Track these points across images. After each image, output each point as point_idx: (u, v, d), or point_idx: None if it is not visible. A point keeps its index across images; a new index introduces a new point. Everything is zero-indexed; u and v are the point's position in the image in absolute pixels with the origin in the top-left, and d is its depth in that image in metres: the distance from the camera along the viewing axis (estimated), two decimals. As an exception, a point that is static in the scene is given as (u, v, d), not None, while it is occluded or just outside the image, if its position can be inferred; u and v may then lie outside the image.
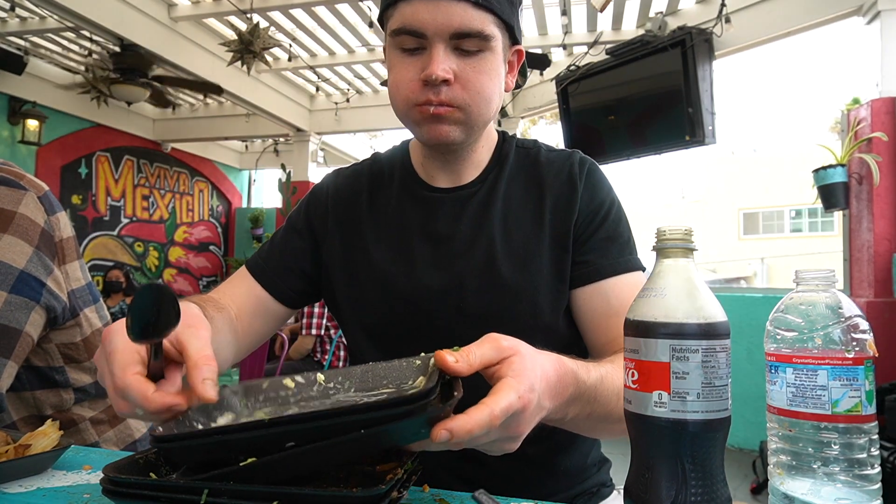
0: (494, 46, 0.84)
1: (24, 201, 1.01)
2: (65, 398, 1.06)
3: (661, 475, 0.51)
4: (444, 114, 0.84)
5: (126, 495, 0.55)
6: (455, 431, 0.51)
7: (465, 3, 0.79)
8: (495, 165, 0.97)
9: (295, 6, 4.50)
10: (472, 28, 0.80)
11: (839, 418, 0.52)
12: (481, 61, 0.83)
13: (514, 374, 0.56)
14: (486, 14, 0.81)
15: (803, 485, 0.53)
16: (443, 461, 0.84)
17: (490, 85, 0.85)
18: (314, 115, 6.89)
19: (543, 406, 0.60)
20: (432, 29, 0.80)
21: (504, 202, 0.94)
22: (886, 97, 3.42)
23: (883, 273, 3.42)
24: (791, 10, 3.92)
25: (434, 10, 0.80)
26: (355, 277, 0.96)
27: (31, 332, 0.97)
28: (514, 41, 0.89)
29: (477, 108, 0.85)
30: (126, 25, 4.32)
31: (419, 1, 0.80)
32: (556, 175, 0.94)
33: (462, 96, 0.83)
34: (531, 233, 0.91)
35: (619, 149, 4.66)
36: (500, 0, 0.82)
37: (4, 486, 0.67)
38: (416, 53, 0.83)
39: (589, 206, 0.92)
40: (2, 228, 0.97)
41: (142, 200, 7.33)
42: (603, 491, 0.98)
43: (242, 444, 0.55)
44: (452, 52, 0.82)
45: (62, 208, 1.09)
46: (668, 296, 0.53)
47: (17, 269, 0.96)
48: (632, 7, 4.51)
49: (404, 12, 0.81)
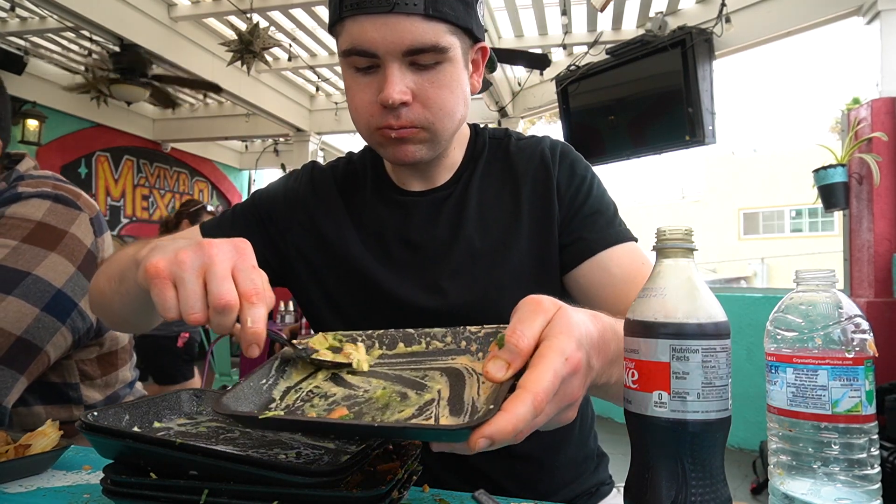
0: (452, 56, 0.80)
1: (76, 222, 1.04)
2: (75, 414, 1.08)
3: (661, 475, 0.51)
4: (408, 136, 0.81)
5: (126, 495, 0.55)
6: (496, 437, 0.44)
7: (414, 17, 0.75)
8: (469, 163, 0.95)
9: (295, 6, 4.50)
10: (425, 43, 0.76)
11: (839, 418, 0.52)
12: (439, 74, 0.79)
13: (558, 333, 0.50)
14: (439, 24, 0.77)
15: (803, 485, 0.53)
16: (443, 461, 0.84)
17: (452, 98, 0.81)
18: (314, 115, 6.89)
19: (593, 366, 0.54)
20: (383, 48, 0.76)
21: (479, 199, 0.92)
22: (886, 97, 3.42)
23: (883, 273, 3.42)
24: (791, 10, 3.92)
25: (383, 27, 0.75)
26: (334, 270, 0.94)
27: (50, 351, 0.99)
28: (476, 40, 0.85)
29: (441, 124, 0.82)
30: (126, 25, 4.32)
31: (365, 18, 0.76)
32: (528, 162, 0.93)
33: (424, 115, 0.80)
34: (509, 226, 0.90)
35: (619, 149, 4.66)
36: (451, 5, 0.77)
37: (4, 486, 0.67)
38: (370, 72, 0.80)
39: (568, 186, 0.91)
40: (50, 246, 0.99)
41: (141, 200, 7.33)
42: (602, 489, 0.98)
43: (151, 457, 0.55)
44: (408, 69, 0.78)
45: (108, 229, 1.11)
46: (668, 296, 0.52)
47: (55, 288, 0.98)
48: (632, 7, 4.51)
49: (352, 31, 0.77)
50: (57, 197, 1.03)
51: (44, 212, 1.01)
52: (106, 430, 0.56)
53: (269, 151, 8.59)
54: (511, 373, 0.49)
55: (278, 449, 0.63)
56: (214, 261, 0.55)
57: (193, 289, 0.55)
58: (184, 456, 0.54)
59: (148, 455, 0.56)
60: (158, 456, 0.55)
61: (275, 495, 0.53)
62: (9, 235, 0.97)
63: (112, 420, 0.61)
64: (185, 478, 0.55)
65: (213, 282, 0.55)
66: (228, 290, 0.54)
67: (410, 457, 0.64)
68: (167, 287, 0.55)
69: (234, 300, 0.54)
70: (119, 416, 0.62)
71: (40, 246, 0.98)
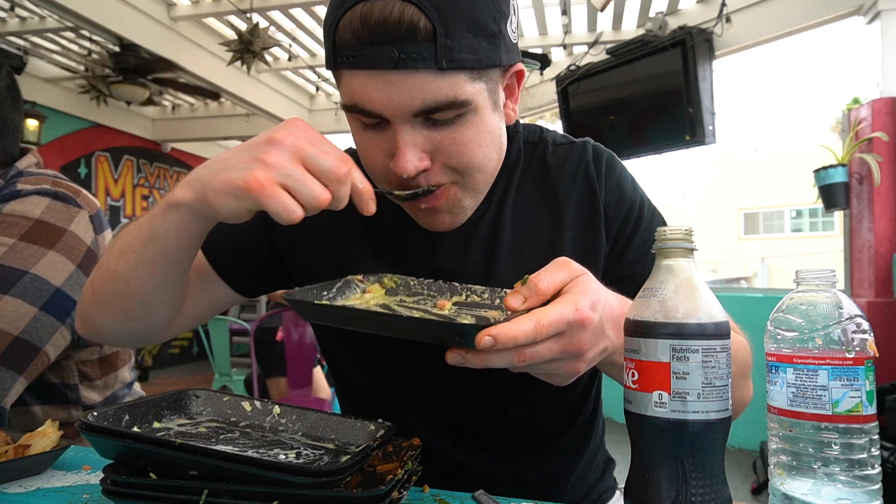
0: (477, 105, 0.67)
1: (76, 220, 1.02)
2: (73, 415, 1.07)
3: (661, 475, 0.51)
4: (438, 204, 0.71)
5: (126, 495, 0.55)
6: (499, 337, 0.50)
7: (423, 74, 0.62)
8: (503, 178, 0.82)
9: (295, 6, 4.50)
10: (439, 101, 0.64)
11: (839, 418, 0.52)
12: (461, 129, 0.67)
13: (575, 291, 0.55)
14: (457, 75, 0.63)
15: (803, 485, 0.53)
16: (443, 461, 0.84)
17: (480, 151, 0.70)
18: (314, 115, 6.89)
19: (607, 335, 0.57)
20: (390, 110, 0.64)
21: (514, 224, 0.81)
22: (887, 97, 3.42)
23: (883, 273, 3.42)
24: (791, 10, 3.92)
25: (386, 87, 0.63)
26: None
27: (49, 351, 0.97)
28: (507, 66, 0.71)
29: (472, 179, 0.72)
30: (126, 25, 4.32)
31: (365, 74, 0.63)
32: (571, 181, 0.81)
33: (449, 175, 0.70)
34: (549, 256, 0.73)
35: (619, 149, 4.63)
36: (471, 48, 0.63)
37: (4, 486, 0.67)
38: (378, 129, 0.68)
39: (618, 211, 0.81)
40: (49, 244, 0.98)
41: (141, 200, 7.33)
42: (605, 494, 0.98)
43: (151, 457, 0.56)
44: (422, 126, 0.67)
45: (109, 226, 1.10)
46: (668, 296, 0.52)
47: (53, 287, 0.96)
48: (632, 7, 4.51)
49: (352, 86, 0.65)
50: (56, 194, 1.02)
51: (42, 209, 0.99)
52: (106, 431, 0.56)
53: (270, 151, 8.59)
54: (526, 306, 0.55)
55: (278, 449, 0.63)
56: (301, 146, 0.56)
57: (305, 179, 0.56)
58: (183, 456, 0.54)
59: (148, 455, 0.56)
60: (158, 456, 0.55)
61: (275, 495, 0.53)
62: (6, 233, 0.96)
63: (112, 420, 0.61)
64: (185, 478, 0.55)
65: (319, 162, 0.56)
66: (335, 162, 0.57)
67: (410, 457, 0.64)
68: (277, 191, 0.55)
69: (348, 168, 0.57)
70: (119, 416, 0.62)
71: (38, 244, 0.96)
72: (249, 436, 0.67)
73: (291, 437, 0.68)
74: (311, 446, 0.65)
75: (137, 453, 0.56)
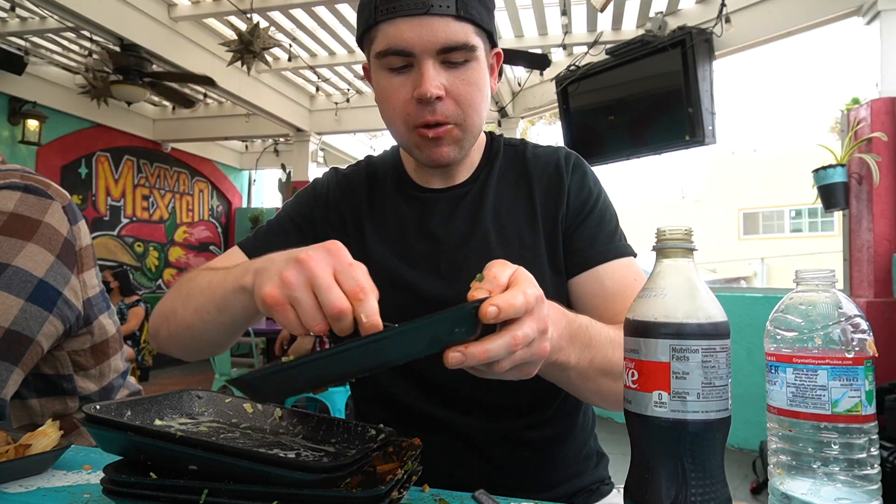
0: (479, 55, 0.86)
1: (49, 210, 1.02)
2: (70, 406, 1.07)
3: (661, 475, 0.51)
4: (443, 135, 0.86)
5: (126, 495, 0.55)
6: (502, 305, 0.54)
7: (447, 18, 0.81)
8: (486, 164, 1.00)
9: (295, 6, 4.51)
10: (457, 41, 0.82)
11: (839, 418, 0.52)
12: (469, 72, 0.85)
13: (523, 279, 0.59)
14: (468, 25, 0.83)
15: (803, 485, 0.53)
16: (443, 461, 0.84)
17: (479, 95, 0.87)
18: (314, 115, 6.89)
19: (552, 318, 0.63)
20: (419, 47, 0.82)
21: (495, 198, 0.97)
22: (886, 97, 3.42)
23: (883, 273, 3.42)
24: (791, 10, 3.93)
25: (418, 27, 0.81)
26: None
27: (42, 341, 0.97)
28: (493, 44, 0.91)
29: (471, 120, 0.88)
30: (126, 25, 4.33)
31: (402, 20, 0.81)
32: (544, 168, 0.98)
33: (456, 111, 0.86)
34: (524, 225, 0.94)
35: (619, 149, 4.66)
36: (478, 9, 0.84)
37: (4, 486, 0.67)
38: (404, 72, 0.85)
39: (578, 194, 0.96)
40: (26, 237, 0.97)
41: (142, 200, 7.34)
42: (602, 488, 0.99)
43: (152, 450, 0.56)
44: (441, 67, 0.84)
45: (83, 217, 1.10)
46: (668, 296, 0.53)
47: (36, 278, 0.96)
48: (632, 7, 4.51)
49: (388, 33, 0.83)
50: (27, 187, 1.02)
51: (15, 202, 0.99)
52: (108, 423, 0.57)
53: (270, 151, 8.59)
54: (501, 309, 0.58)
55: (278, 450, 0.63)
56: (316, 273, 0.58)
57: (308, 305, 0.58)
58: (184, 450, 0.54)
59: (149, 449, 0.56)
60: (159, 449, 0.55)
61: (274, 495, 0.53)
62: None
63: (114, 415, 0.61)
64: (186, 477, 0.55)
65: (321, 294, 0.58)
66: (337, 297, 0.58)
67: (410, 457, 0.64)
68: (287, 310, 0.59)
69: (346, 306, 0.57)
70: (121, 412, 0.62)
71: (16, 237, 0.96)
72: (250, 437, 0.67)
73: (292, 439, 0.68)
74: (311, 448, 0.65)
75: (139, 446, 0.56)
